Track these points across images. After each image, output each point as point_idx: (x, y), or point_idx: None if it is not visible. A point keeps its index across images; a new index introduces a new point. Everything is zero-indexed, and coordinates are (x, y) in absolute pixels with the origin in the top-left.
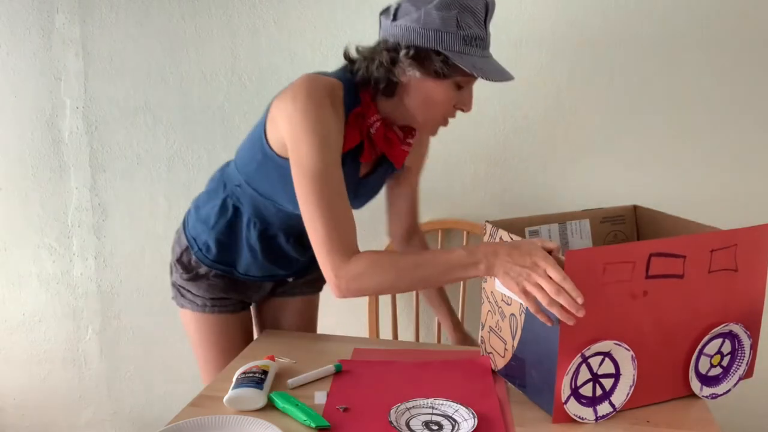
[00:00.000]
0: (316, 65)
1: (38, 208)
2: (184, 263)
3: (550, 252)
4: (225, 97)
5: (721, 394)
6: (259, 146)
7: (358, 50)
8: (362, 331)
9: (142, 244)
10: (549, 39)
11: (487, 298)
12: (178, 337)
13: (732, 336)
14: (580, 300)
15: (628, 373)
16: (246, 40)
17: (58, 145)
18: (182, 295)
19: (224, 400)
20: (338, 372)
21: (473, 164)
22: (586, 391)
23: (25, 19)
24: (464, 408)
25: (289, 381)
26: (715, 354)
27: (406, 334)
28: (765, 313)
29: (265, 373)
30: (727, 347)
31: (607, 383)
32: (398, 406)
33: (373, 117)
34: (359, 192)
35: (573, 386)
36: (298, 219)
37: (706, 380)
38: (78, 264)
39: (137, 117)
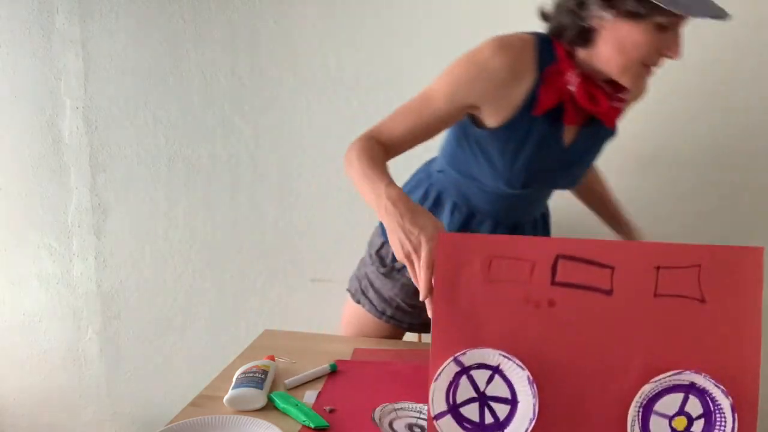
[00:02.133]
0: (316, 64)
1: (38, 208)
2: (382, 256)
3: None
4: (225, 97)
5: None
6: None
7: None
8: None
9: (142, 244)
10: None
11: None
12: (178, 337)
13: (700, 392)
14: (421, 297)
15: (527, 402)
16: (246, 40)
17: (58, 145)
18: (364, 292)
19: (224, 400)
20: (333, 372)
21: None
22: (471, 413)
23: (25, 19)
24: None
25: (287, 381)
26: (677, 415)
27: (407, 334)
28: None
29: (265, 373)
30: (695, 407)
31: (501, 410)
32: (385, 406)
33: (570, 73)
34: (568, 161)
35: (450, 401)
36: (506, 201)
37: None
38: (78, 264)
39: (137, 117)
